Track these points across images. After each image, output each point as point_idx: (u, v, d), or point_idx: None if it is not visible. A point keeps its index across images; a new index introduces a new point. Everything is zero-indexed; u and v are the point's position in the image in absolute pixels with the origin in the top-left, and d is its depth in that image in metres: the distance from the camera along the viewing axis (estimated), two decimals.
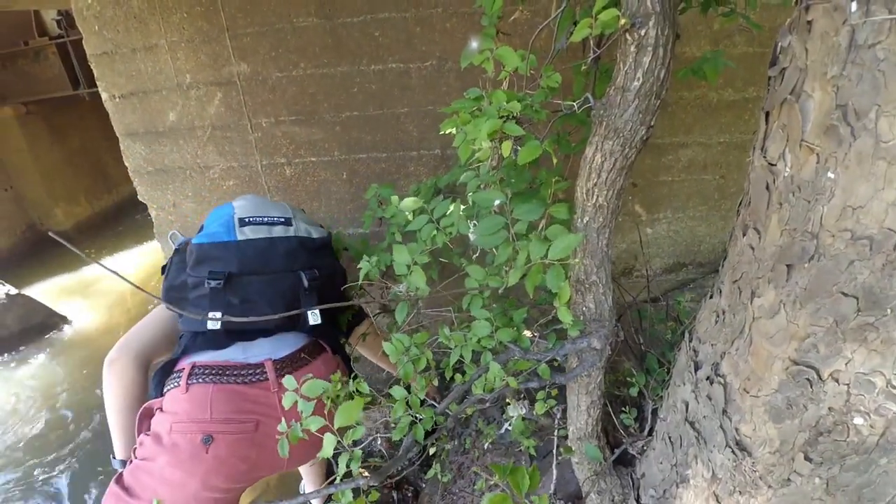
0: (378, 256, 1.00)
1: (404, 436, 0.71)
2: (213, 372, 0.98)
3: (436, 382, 0.92)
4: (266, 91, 1.73)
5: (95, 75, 1.87)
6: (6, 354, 3.24)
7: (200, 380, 0.97)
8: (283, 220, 1.11)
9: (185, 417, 0.95)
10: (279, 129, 1.77)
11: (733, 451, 0.55)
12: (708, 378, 0.60)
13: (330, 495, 0.74)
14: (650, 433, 1.04)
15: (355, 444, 0.73)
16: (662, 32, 0.60)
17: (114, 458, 1.10)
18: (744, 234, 0.54)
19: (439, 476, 1.26)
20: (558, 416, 1.29)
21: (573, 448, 1.05)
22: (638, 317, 1.31)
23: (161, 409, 1.00)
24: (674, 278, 2.02)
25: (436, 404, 0.83)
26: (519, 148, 0.65)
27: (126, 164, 1.96)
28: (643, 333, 1.18)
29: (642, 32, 0.60)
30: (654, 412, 1.03)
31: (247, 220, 1.07)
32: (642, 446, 1.04)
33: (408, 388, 0.82)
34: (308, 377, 0.80)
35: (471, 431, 1.90)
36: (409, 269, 0.78)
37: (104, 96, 1.89)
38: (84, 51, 1.84)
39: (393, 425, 0.77)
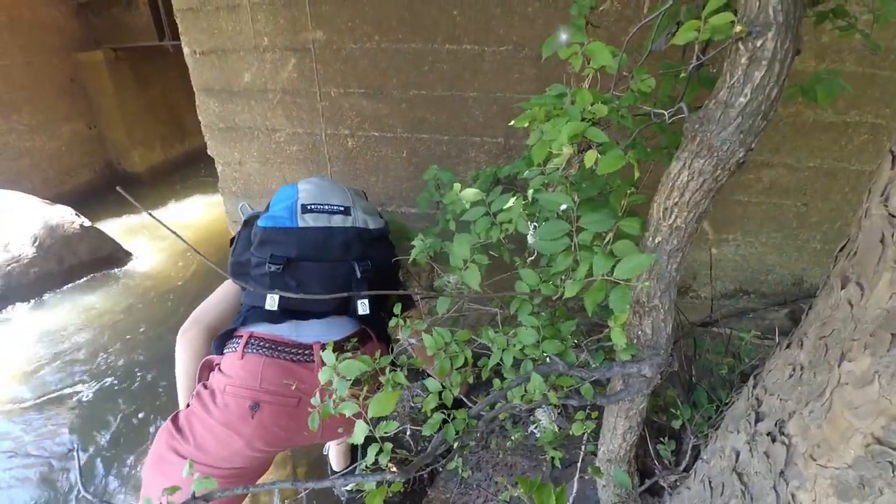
0: (431, 240, 0.99)
1: (434, 432, 0.69)
2: (267, 345, 1.06)
3: (470, 380, 0.90)
4: (338, 61, 1.73)
5: (180, 30, 1.93)
6: (75, 280, 3.52)
7: (255, 350, 1.06)
8: (342, 209, 1.16)
9: (238, 382, 1.03)
10: (347, 101, 1.77)
11: None
12: (769, 434, 0.54)
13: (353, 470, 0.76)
14: (686, 469, 0.98)
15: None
16: (782, 46, 0.53)
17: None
18: (842, 287, 0.48)
19: (460, 471, 1.25)
20: (587, 432, 1.24)
21: (602, 470, 1.01)
22: (693, 344, 1.23)
23: (220, 368, 1.09)
24: (732, 304, 1.89)
25: (469, 404, 0.81)
26: (599, 155, 0.60)
27: (199, 118, 2.04)
28: (695, 362, 1.11)
29: (758, 43, 0.53)
30: (695, 449, 0.97)
31: (309, 207, 1.13)
32: (675, 481, 0.99)
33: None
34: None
35: (494, 427, 1.89)
36: (466, 264, 0.75)
37: (186, 51, 1.96)
38: (171, 4, 1.90)
39: (422, 418, 0.75)
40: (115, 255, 3.67)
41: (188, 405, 1.10)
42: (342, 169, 1.90)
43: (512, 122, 1.01)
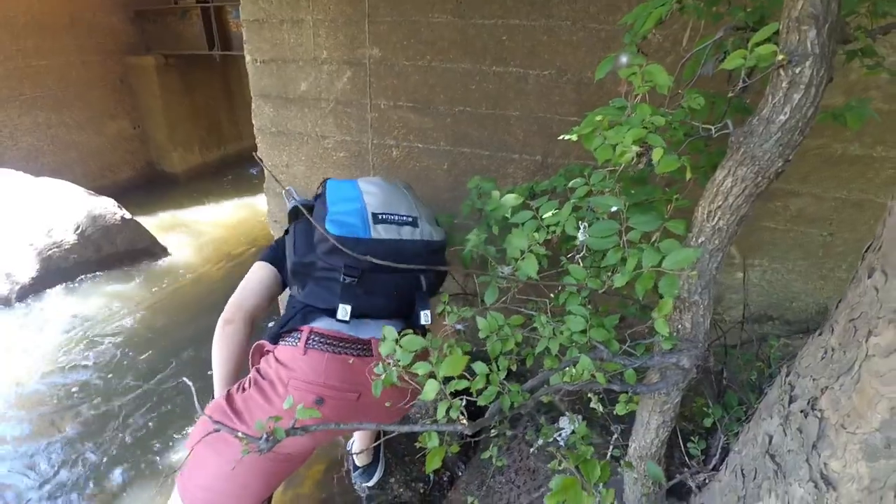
0: (484, 236, 1.07)
1: (490, 402, 0.77)
2: (328, 342, 1.12)
3: (514, 367, 0.97)
4: (391, 76, 1.86)
5: (244, 38, 2.09)
6: (110, 269, 3.68)
7: (317, 346, 1.11)
8: (410, 219, 1.18)
9: (302, 377, 1.08)
10: (395, 113, 1.90)
11: (816, 485, 0.56)
12: (802, 411, 0.61)
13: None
14: (714, 469, 1.03)
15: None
16: (817, 73, 0.61)
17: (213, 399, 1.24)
18: (869, 276, 0.55)
19: (494, 459, 1.30)
20: (616, 434, 1.29)
21: (633, 465, 1.06)
22: (724, 352, 1.29)
23: (277, 359, 1.13)
24: (756, 329, 1.93)
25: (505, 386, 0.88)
26: (654, 159, 0.69)
27: (253, 121, 2.18)
28: (726, 367, 1.16)
29: (797, 70, 0.62)
30: (724, 450, 1.02)
31: (380, 217, 1.14)
32: (704, 479, 1.04)
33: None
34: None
35: (517, 433, 1.93)
36: (523, 254, 0.84)
37: (248, 59, 2.11)
38: (224, 16, 2.07)
39: (474, 395, 0.83)
40: (150, 249, 3.83)
41: (242, 389, 1.14)
42: (385, 176, 2.01)
43: (562, 136, 1.10)
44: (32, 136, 4.63)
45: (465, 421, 0.69)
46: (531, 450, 1.81)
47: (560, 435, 1.86)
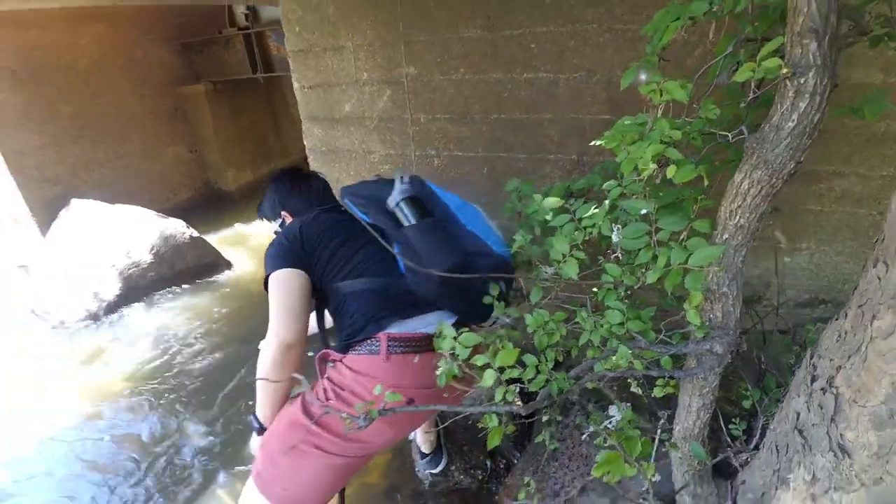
0: (530, 236, 1.18)
1: (540, 388, 0.87)
2: (407, 344, 1.18)
3: (560, 358, 1.07)
4: (428, 91, 1.99)
5: (291, 67, 2.27)
6: (183, 284, 4.03)
7: (398, 351, 1.17)
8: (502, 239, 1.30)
9: (391, 382, 1.13)
10: (434, 125, 2.02)
11: (835, 454, 0.63)
12: (822, 389, 0.67)
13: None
14: (755, 448, 1.09)
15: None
16: (820, 82, 0.68)
17: (255, 417, 1.30)
18: (874, 266, 0.61)
19: (547, 443, 1.40)
20: (663, 419, 1.36)
21: (677, 445, 1.14)
22: (762, 339, 1.33)
23: (352, 369, 1.19)
24: (808, 313, 1.92)
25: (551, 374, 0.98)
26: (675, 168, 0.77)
27: (305, 142, 2.36)
28: (765, 353, 1.21)
29: (802, 81, 0.69)
30: (764, 428, 1.07)
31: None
32: (746, 458, 1.10)
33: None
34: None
35: (569, 423, 2.02)
36: (565, 257, 0.93)
37: (296, 85, 2.30)
38: (264, 42, 2.25)
39: (525, 384, 0.93)
40: (216, 263, 4.17)
41: (320, 403, 1.18)
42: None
43: (593, 142, 1.19)
44: (104, 168, 5.10)
45: (519, 402, 0.80)
46: (583, 437, 1.90)
47: (610, 423, 1.93)
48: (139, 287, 3.86)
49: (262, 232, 5.07)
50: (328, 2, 2.04)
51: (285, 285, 1.23)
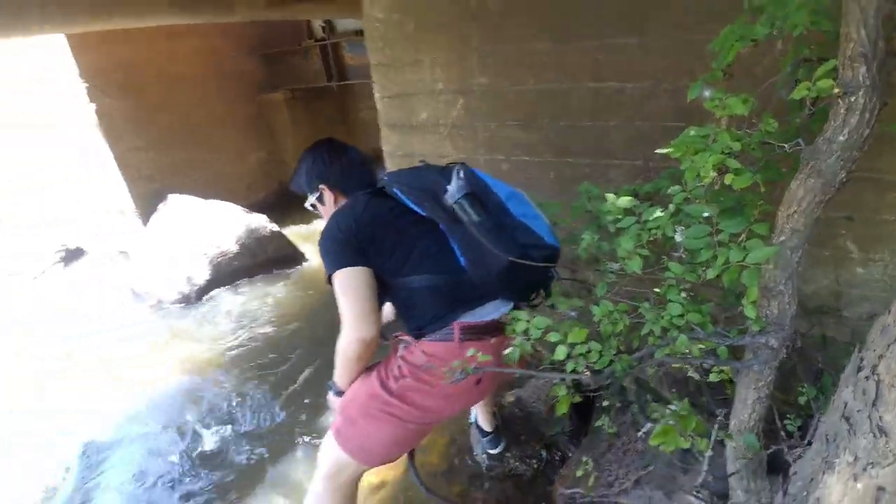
0: (597, 236, 1.28)
1: (604, 367, 0.99)
2: (476, 331, 1.29)
3: (622, 349, 1.17)
4: (498, 100, 2.13)
5: (373, 79, 2.49)
6: (262, 273, 4.44)
7: (469, 337, 1.28)
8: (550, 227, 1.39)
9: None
10: (503, 132, 2.16)
11: (874, 435, 0.71)
12: (866, 377, 0.75)
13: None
14: (809, 443, 1.15)
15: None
16: (869, 101, 0.76)
17: (333, 383, 1.46)
18: None
19: (606, 427, 1.50)
20: (720, 416, 1.42)
21: (732, 436, 1.21)
22: (822, 341, 1.37)
23: (426, 353, 1.32)
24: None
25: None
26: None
27: (383, 147, 2.58)
28: (824, 355, 1.25)
29: (852, 99, 0.77)
30: (818, 424, 1.13)
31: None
32: (799, 454, 1.16)
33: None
34: None
35: (626, 419, 2.08)
36: (630, 254, 1.05)
37: (377, 96, 2.52)
38: (338, 51, 2.47)
39: (589, 365, 1.05)
40: (292, 256, 4.55)
41: (394, 378, 1.35)
42: None
43: (658, 150, 1.28)
44: (195, 168, 5.69)
45: (587, 373, 0.92)
46: (639, 433, 1.97)
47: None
48: (225, 274, 4.29)
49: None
50: (408, 20, 2.23)
51: (352, 285, 1.26)
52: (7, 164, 5.59)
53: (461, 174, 1.30)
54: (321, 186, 1.46)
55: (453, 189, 1.28)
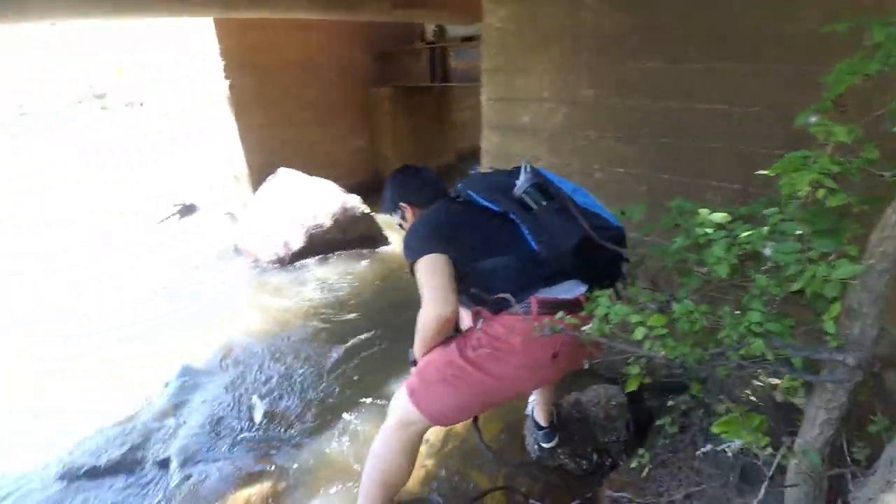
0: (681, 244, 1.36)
1: (675, 357, 1.08)
2: (553, 307, 1.35)
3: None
4: (602, 112, 2.24)
5: (483, 83, 2.69)
6: (349, 249, 4.82)
7: (548, 312, 1.33)
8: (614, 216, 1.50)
9: (539, 339, 1.29)
10: (602, 143, 2.27)
11: None
12: None
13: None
14: (875, 472, 1.16)
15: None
16: None
17: (411, 351, 1.61)
18: None
19: (667, 427, 1.56)
20: (788, 442, 1.43)
21: (795, 453, 1.25)
22: None
23: (505, 326, 1.41)
24: None
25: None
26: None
27: (482, 146, 2.77)
28: None
29: None
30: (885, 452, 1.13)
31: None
32: (863, 483, 1.17)
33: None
34: None
35: (685, 439, 2.10)
36: (720, 260, 1.13)
37: (483, 98, 2.71)
38: (445, 54, 2.66)
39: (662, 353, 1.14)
40: (378, 237, 4.90)
41: (472, 348, 1.45)
42: None
43: (759, 171, 1.34)
44: (304, 147, 6.29)
45: (663, 353, 1.02)
46: (697, 452, 1.98)
47: (729, 445, 1.98)
48: (317, 245, 4.73)
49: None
50: (525, 32, 2.40)
51: (435, 267, 1.39)
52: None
53: (527, 169, 1.45)
54: (402, 205, 1.68)
55: (521, 182, 1.44)
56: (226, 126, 5.86)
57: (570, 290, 1.46)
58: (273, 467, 2.48)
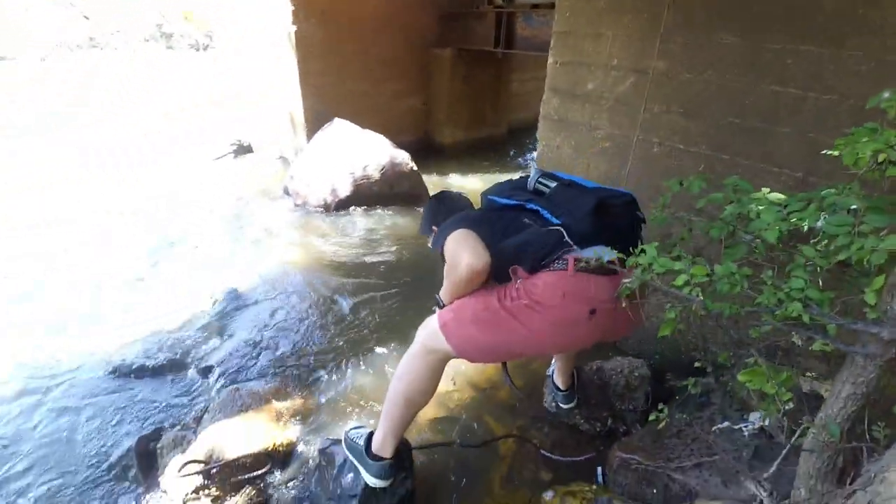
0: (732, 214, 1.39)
1: (712, 309, 1.13)
2: (591, 267, 1.42)
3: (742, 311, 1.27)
4: (670, 85, 2.21)
5: (551, 45, 2.68)
6: (393, 205, 4.96)
7: (583, 269, 1.42)
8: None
9: (577, 292, 1.42)
10: (665, 116, 2.24)
11: None
12: None
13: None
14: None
15: None
16: None
17: (438, 297, 1.71)
18: None
19: (690, 388, 1.61)
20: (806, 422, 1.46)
21: (815, 425, 1.28)
22: None
23: (545, 282, 1.45)
24: None
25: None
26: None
27: (541, 109, 2.78)
28: None
29: None
30: None
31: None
32: (876, 459, 1.20)
33: None
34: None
35: (703, 416, 2.14)
36: (769, 226, 1.16)
37: (550, 61, 2.70)
38: (512, 20, 2.62)
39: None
40: (423, 196, 5.01)
41: (511, 298, 1.50)
42: (639, 167, 2.39)
43: (824, 152, 1.33)
44: (361, 100, 6.37)
45: (700, 297, 1.08)
46: (714, 428, 2.03)
47: (746, 426, 2.02)
48: (363, 196, 4.87)
49: (460, 184, 5.86)
50: None
51: (465, 234, 1.51)
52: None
53: (534, 167, 1.71)
54: (434, 228, 1.79)
55: (531, 176, 1.66)
56: (287, 72, 6.00)
57: (603, 253, 1.49)
58: (303, 388, 2.69)
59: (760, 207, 1.42)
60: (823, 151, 1.37)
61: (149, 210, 5.08)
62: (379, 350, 2.96)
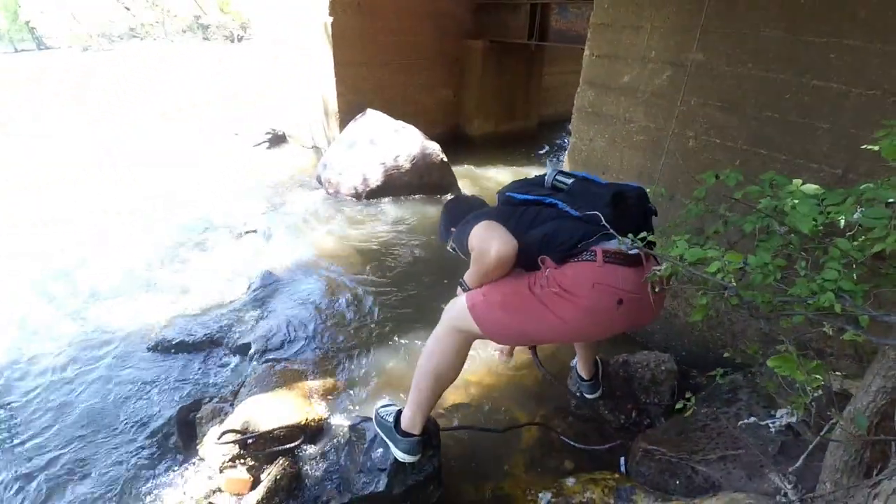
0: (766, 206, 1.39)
1: (745, 297, 1.15)
2: (616, 256, 1.45)
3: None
4: (708, 78, 2.19)
5: (588, 37, 2.68)
6: (422, 194, 5.05)
7: (611, 261, 1.45)
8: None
9: (607, 283, 1.44)
10: (702, 110, 2.23)
11: None
12: None
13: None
14: None
15: None
16: None
17: (463, 280, 1.72)
18: None
19: (718, 378, 1.62)
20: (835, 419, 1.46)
21: (844, 418, 1.29)
22: None
23: (574, 272, 1.47)
24: None
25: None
26: None
27: (575, 101, 2.78)
28: None
29: None
30: None
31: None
32: None
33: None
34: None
35: (728, 411, 2.14)
36: (805, 217, 1.16)
37: (586, 52, 2.70)
38: (547, 12, 2.62)
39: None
40: (451, 187, 5.08)
41: (540, 287, 1.52)
42: (673, 162, 2.38)
43: (864, 146, 1.33)
44: (393, 91, 6.45)
45: (733, 283, 1.10)
46: (740, 423, 2.03)
47: (773, 422, 2.01)
48: (394, 185, 4.96)
49: (488, 175, 5.90)
50: None
51: (492, 225, 1.54)
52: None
53: (549, 167, 1.80)
54: (452, 230, 1.82)
55: (548, 174, 1.71)
56: (322, 62, 6.12)
57: (628, 245, 1.51)
58: (334, 367, 2.80)
59: (796, 201, 1.43)
60: (864, 146, 1.36)
61: (190, 196, 5.30)
62: (406, 334, 3.04)
